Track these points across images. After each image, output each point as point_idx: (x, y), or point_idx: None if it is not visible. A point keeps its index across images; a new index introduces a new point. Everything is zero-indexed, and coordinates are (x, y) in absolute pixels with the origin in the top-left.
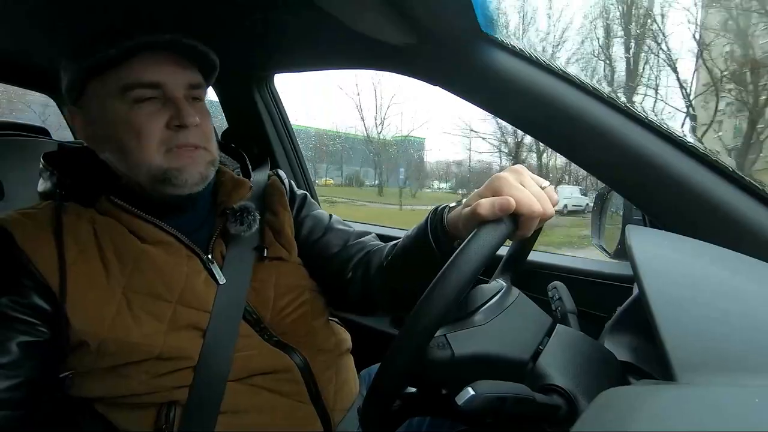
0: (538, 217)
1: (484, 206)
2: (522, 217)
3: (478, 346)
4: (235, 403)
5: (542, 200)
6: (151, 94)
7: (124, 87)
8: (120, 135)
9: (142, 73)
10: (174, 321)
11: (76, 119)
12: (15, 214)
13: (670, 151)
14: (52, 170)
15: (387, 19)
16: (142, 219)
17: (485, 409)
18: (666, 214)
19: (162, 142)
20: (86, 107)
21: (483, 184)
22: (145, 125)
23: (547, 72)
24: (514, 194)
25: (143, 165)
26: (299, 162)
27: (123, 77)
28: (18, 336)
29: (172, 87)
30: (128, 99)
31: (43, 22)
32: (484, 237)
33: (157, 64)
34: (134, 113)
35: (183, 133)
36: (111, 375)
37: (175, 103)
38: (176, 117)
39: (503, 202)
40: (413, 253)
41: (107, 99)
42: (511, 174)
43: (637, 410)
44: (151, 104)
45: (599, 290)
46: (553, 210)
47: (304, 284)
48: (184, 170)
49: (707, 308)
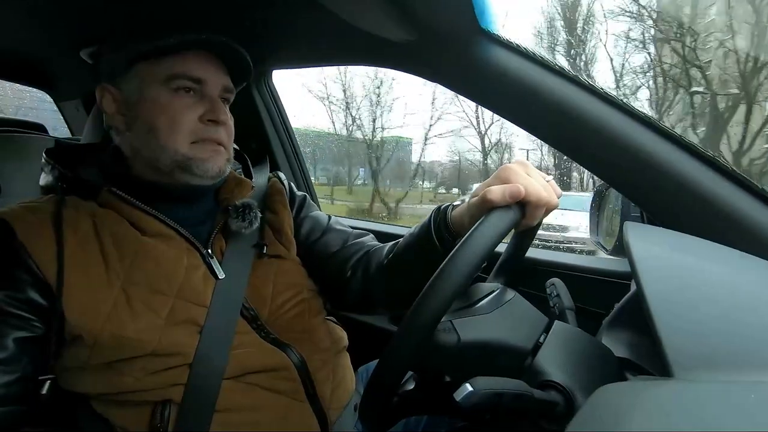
0: (545, 205)
1: (494, 192)
2: (530, 205)
3: (483, 332)
4: (231, 401)
5: (548, 190)
6: (192, 86)
7: (172, 76)
8: (154, 117)
9: (190, 66)
10: (172, 315)
11: (106, 96)
12: (17, 207)
13: (668, 148)
14: (54, 164)
15: (386, 16)
16: (143, 211)
17: (483, 405)
18: (664, 211)
19: (192, 133)
20: (125, 87)
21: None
22: (181, 113)
23: (546, 69)
24: (523, 182)
25: (169, 149)
26: (297, 158)
27: (172, 66)
28: (14, 331)
29: (212, 85)
30: (171, 86)
31: (42, 18)
32: (493, 221)
33: (204, 61)
34: (173, 101)
35: (213, 128)
36: (106, 371)
37: (211, 100)
38: (210, 112)
39: (514, 189)
40: (416, 250)
41: (151, 83)
42: (519, 165)
43: (634, 406)
44: (189, 96)
45: (597, 287)
46: (558, 200)
47: (302, 283)
48: (207, 161)
49: (704, 305)
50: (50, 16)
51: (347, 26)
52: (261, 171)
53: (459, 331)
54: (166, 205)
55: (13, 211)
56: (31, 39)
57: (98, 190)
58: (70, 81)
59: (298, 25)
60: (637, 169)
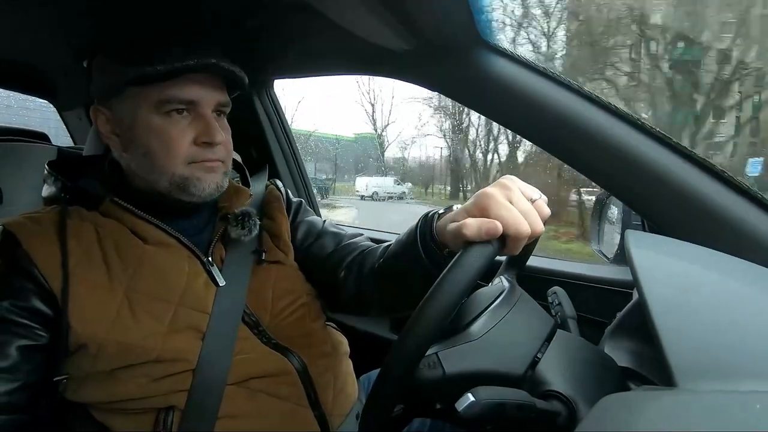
0: (526, 237)
1: (470, 228)
2: (509, 239)
3: (470, 362)
4: (234, 408)
5: (530, 217)
6: (184, 107)
7: (163, 100)
8: (149, 142)
9: (181, 90)
10: (174, 322)
11: (99, 117)
12: (21, 218)
13: (670, 156)
14: (57, 175)
15: (386, 25)
16: (145, 220)
17: (485, 416)
18: (665, 219)
19: (188, 156)
20: (117, 109)
21: (470, 200)
22: (176, 139)
23: (545, 78)
24: (502, 215)
25: (167, 174)
26: (299, 168)
27: (163, 91)
28: (17, 340)
29: (205, 105)
30: (162, 111)
31: (45, 27)
32: (470, 259)
33: (195, 83)
34: (166, 125)
35: (209, 149)
36: (108, 379)
37: (205, 119)
38: (205, 134)
39: (490, 227)
40: (402, 258)
41: (142, 107)
42: (500, 190)
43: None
44: (182, 118)
45: (599, 295)
46: (542, 227)
47: (302, 288)
48: (204, 180)
49: (707, 314)
50: (54, 25)
51: (348, 35)
52: (259, 179)
53: (444, 365)
54: (167, 216)
55: (17, 221)
56: (35, 48)
57: (101, 200)
58: (73, 90)
59: (299, 35)
60: (637, 178)
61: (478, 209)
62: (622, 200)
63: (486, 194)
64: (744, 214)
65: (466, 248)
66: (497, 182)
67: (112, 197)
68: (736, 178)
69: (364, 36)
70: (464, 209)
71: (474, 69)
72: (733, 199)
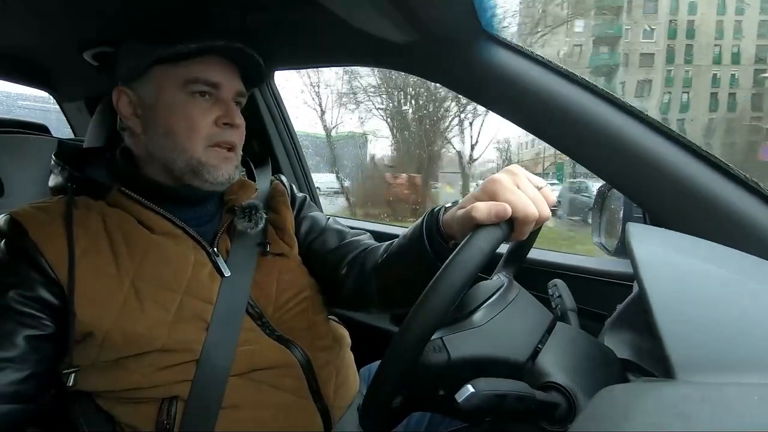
0: (534, 221)
1: (480, 210)
2: (517, 221)
3: (474, 348)
4: (237, 398)
5: (538, 203)
6: (208, 90)
7: (190, 80)
8: (171, 121)
9: (207, 71)
10: (180, 312)
11: (122, 98)
12: (28, 207)
13: (671, 148)
14: (64, 165)
15: (388, 17)
16: (152, 210)
17: (485, 407)
18: (666, 211)
19: (208, 137)
20: (141, 90)
21: (478, 187)
22: (198, 118)
23: (548, 69)
24: (510, 198)
25: (186, 152)
26: (300, 160)
27: (190, 71)
28: (24, 330)
29: (227, 89)
30: (187, 90)
31: (46, 19)
32: (480, 241)
33: (220, 66)
34: (190, 104)
35: (228, 131)
36: (114, 368)
37: (226, 103)
38: (226, 116)
39: (499, 209)
40: (408, 252)
41: (168, 87)
42: (507, 176)
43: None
44: (205, 100)
45: (599, 288)
46: (549, 212)
47: (305, 281)
48: (218, 168)
49: (707, 306)
50: (54, 17)
51: (349, 27)
52: (264, 173)
53: (449, 349)
54: (174, 206)
55: (25, 211)
56: (35, 40)
57: (108, 190)
58: (73, 82)
59: (300, 27)
60: (639, 170)
61: (486, 194)
62: (623, 192)
63: (494, 180)
64: (745, 207)
65: (476, 230)
66: (505, 169)
67: (119, 187)
68: (737, 171)
69: (366, 28)
70: (472, 195)
71: (476, 61)
72: (733, 192)
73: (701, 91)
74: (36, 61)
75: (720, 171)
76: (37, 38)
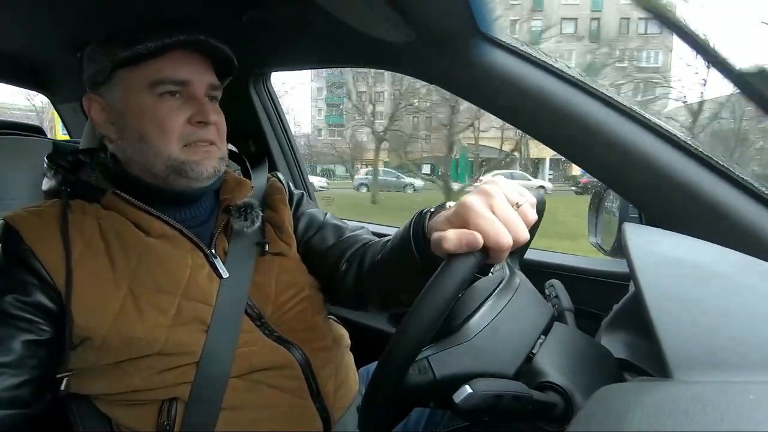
0: (508, 249)
1: (450, 241)
2: (491, 250)
3: (461, 365)
4: (236, 400)
5: (512, 226)
6: (176, 89)
7: (155, 81)
8: (143, 125)
9: (172, 69)
10: (178, 315)
11: (93, 106)
12: (23, 211)
13: (667, 149)
14: (57, 168)
15: (384, 17)
16: (147, 213)
17: (482, 407)
18: (662, 212)
19: (182, 137)
20: (109, 95)
21: (451, 209)
22: (169, 119)
23: (544, 70)
24: (481, 226)
25: (162, 155)
26: (296, 160)
27: (154, 72)
28: (21, 334)
29: (197, 86)
30: (155, 92)
31: (40, 20)
32: (451, 271)
33: (186, 62)
34: (159, 106)
35: (203, 129)
36: (113, 371)
37: (198, 100)
38: (198, 114)
39: (470, 239)
40: (397, 254)
41: (134, 90)
42: (480, 198)
43: (633, 407)
44: (175, 99)
45: (596, 288)
46: (527, 234)
47: (304, 280)
48: (200, 163)
49: (703, 306)
50: (49, 18)
51: (346, 28)
52: (260, 171)
53: (434, 369)
54: (169, 207)
55: (19, 215)
56: (30, 42)
57: (103, 192)
58: (68, 83)
59: (296, 27)
60: (635, 171)
61: (458, 219)
62: (619, 193)
63: (465, 205)
64: (741, 207)
65: (448, 260)
66: (479, 189)
67: (113, 189)
68: (733, 172)
69: (362, 28)
70: (446, 218)
71: (472, 61)
72: (729, 192)
73: None
74: (32, 62)
75: (715, 171)
76: (32, 39)
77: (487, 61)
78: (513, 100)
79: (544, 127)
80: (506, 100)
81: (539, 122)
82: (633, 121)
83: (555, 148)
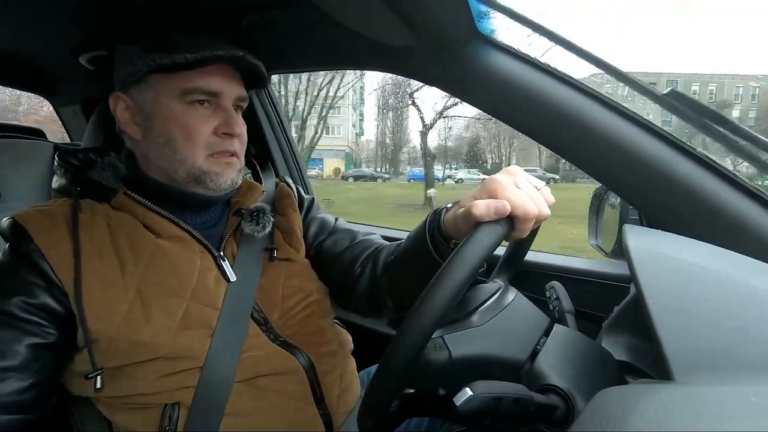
0: (533, 218)
1: (479, 207)
2: (517, 219)
3: (475, 346)
4: (239, 405)
5: (537, 201)
6: (207, 98)
7: (187, 90)
8: (170, 131)
9: (206, 81)
10: (185, 318)
11: (119, 105)
12: (32, 210)
13: (668, 151)
14: (68, 167)
15: (385, 20)
16: (158, 213)
17: (483, 410)
18: (663, 214)
19: (207, 146)
20: (139, 96)
21: (479, 186)
22: (197, 127)
23: (544, 73)
24: (509, 197)
25: (187, 162)
26: (296, 163)
27: (188, 80)
28: (27, 338)
29: (227, 97)
30: (185, 100)
31: (42, 23)
32: (480, 239)
33: (219, 74)
34: (188, 113)
35: (228, 140)
36: (117, 375)
37: (226, 111)
38: (225, 125)
39: (499, 206)
40: (412, 253)
41: (165, 95)
42: (506, 176)
43: (634, 410)
44: (204, 108)
45: (597, 290)
46: (549, 211)
47: (312, 285)
48: (221, 175)
49: (704, 308)
50: (50, 21)
51: (346, 30)
52: (268, 176)
53: (450, 347)
54: (179, 209)
55: (28, 214)
56: (32, 45)
57: (114, 192)
58: (69, 86)
59: (297, 30)
60: (635, 172)
61: (485, 193)
62: (619, 195)
63: (493, 179)
64: (741, 209)
65: (477, 228)
66: (503, 170)
67: (124, 190)
68: (734, 174)
69: (362, 31)
70: (472, 195)
71: (472, 64)
72: (730, 194)
73: None
74: (33, 65)
75: (716, 173)
76: (32, 42)
77: (486, 64)
78: (512, 102)
79: (543, 130)
80: (506, 103)
81: (540, 124)
82: (633, 122)
83: (555, 150)
